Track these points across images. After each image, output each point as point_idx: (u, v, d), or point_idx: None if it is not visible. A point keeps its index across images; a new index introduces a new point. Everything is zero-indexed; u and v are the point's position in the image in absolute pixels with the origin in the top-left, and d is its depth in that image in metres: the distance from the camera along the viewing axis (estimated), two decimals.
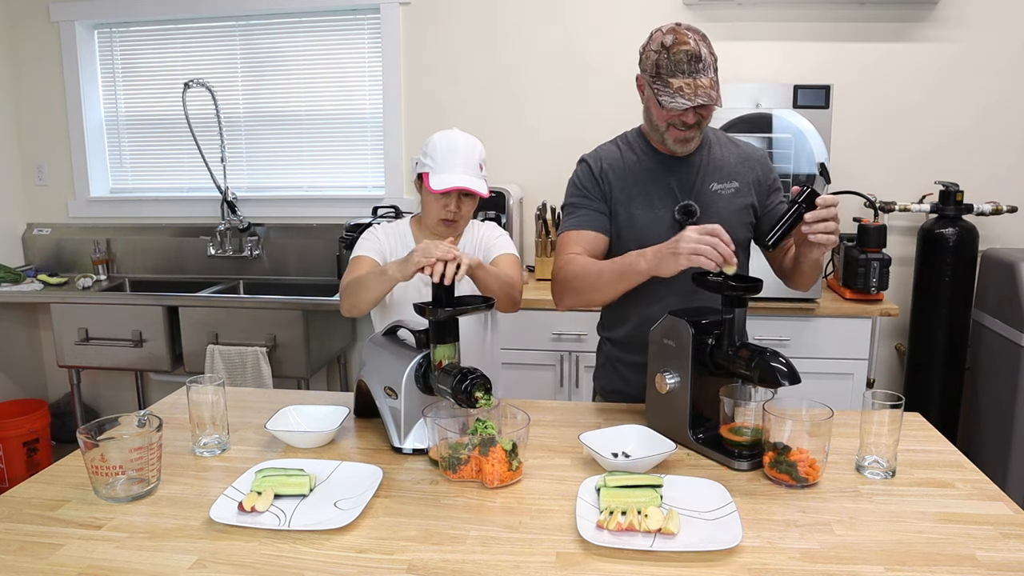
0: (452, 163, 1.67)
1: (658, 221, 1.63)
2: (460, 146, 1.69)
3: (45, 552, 1.06)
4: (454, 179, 1.66)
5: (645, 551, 1.04)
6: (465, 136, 1.73)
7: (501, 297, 1.68)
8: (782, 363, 1.26)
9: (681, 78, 1.45)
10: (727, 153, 1.67)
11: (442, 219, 1.73)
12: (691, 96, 1.45)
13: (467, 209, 1.74)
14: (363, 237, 1.81)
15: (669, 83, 1.46)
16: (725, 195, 1.64)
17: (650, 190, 1.63)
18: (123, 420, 1.29)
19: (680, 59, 1.45)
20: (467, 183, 1.66)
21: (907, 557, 1.03)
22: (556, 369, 2.70)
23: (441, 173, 1.67)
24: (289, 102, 3.39)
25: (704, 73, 1.45)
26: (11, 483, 2.99)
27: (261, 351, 2.78)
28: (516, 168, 3.16)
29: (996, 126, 2.87)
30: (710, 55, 1.47)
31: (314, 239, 3.34)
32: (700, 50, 1.45)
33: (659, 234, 1.60)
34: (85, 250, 3.49)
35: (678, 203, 1.62)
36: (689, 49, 1.45)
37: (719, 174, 1.64)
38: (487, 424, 1.30)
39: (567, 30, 3.07)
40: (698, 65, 1.45)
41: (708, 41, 1.49)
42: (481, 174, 1.72)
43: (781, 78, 2.87)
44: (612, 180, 1.65)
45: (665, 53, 1.47)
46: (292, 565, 1.03)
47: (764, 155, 1.72)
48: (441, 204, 1.70)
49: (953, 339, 2.70)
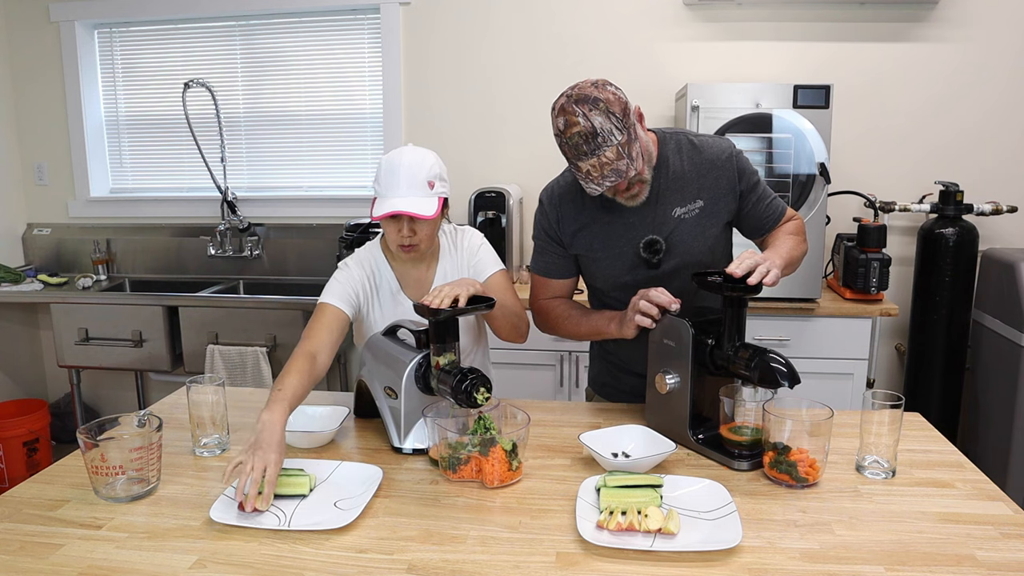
0: (395, 185, 1.51)
1: (620, 259, 1.57)
2: (403, 165, 1.51)
3: (45, 552, 1.07)
4: (393, 203, 1.49)
5: (645, 551, 1.04)
6: (412, 153, 1.55)
7: (509, 330, 1.63)
8: (782, 363, 1.26)
9: (585, 160, 1.36)
10: (687, 165, 1.54)
11: (399, 246, 1.56)
12: (599, 179, 1.37)
13: (424, 231, 1.55)
14: (335, 278, 1.63)
15: (579, 167, 1.39)
16: (689, 220, 1.54)
17: (608, 229, 1.57)
18: (123, 420, 1.29)
19: (577, 142, 1.35)
20: (405, 206, 1.48)
21: (907, 557, 1.03)
22: (556, 369, 2.70)
23: (384, 198, 1.52)
24: (289, 102, 3.39)
25: (606, 145, 1.34)
26: (11, 483, 2.99)
27: (261, 351, 2.78)
28: (516, 168, 3.15)
29: (996, 126, 2.87)
30: (607, 121, 1.34)
31: (314, 239, 3.34)
32: (592, 125, 1.33)
33: (622, 273, 1.59)
34: (85, 250, 3.49)
35: (640, 239, 1.55)
36: (580, 130, 1.34)
37: (680, 195, 1.54)
38: (488, 424, 1.30)
39: (567, 29, 3.07)
40: (595, 141, 1.34)
41: (603, 103, 1.34)
42: (432, 192, 1.53)
43: (781, 78, 2.87)
44: (567, 225, 1.60)
45: (562, 138, 1.38)
46: (292, 565, 1.03)
47: (731, 154, 1.55)
48: (394, 230, 1.54)
49: (953, 339, 2.69)
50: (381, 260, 1.67)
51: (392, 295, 1.66)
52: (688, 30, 2.97)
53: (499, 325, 1.62)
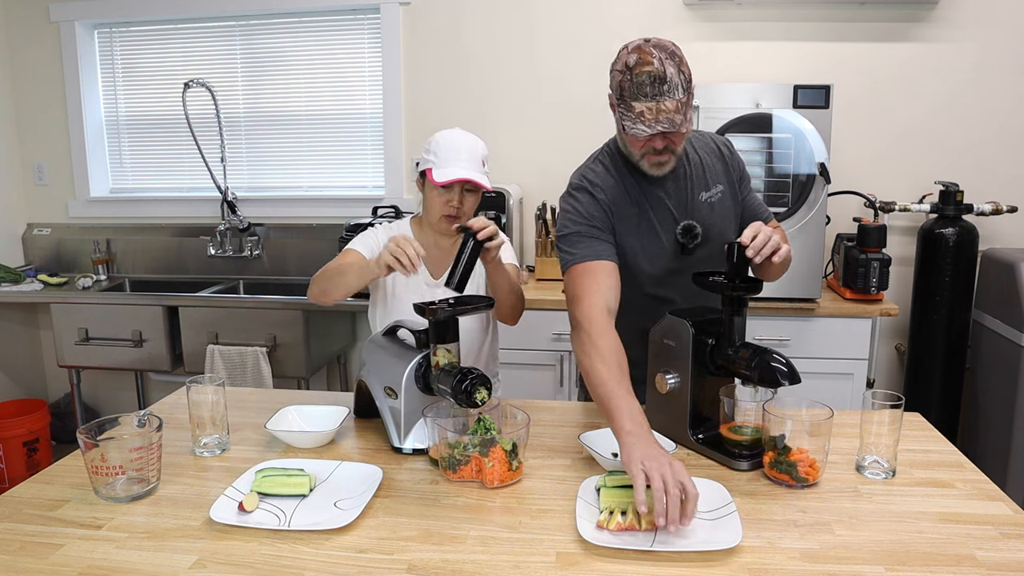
0: (456, 158, 1.68)
1: (661, 246, 1.56)
2: (463, 143, 1.71)
3: (45, 552, 1.06)
4: (458, 171, 1.67)
5: (645, 551, 1.04)
6: (468, 134, 1.74)
7: (507, 308, 1.71)
8: (782, 363, 1.26)
9: (643, 101, 1.35)
10: (702, 154, 1.60)
11: (444, 215, 1.73)
12: (651, 122, 1.35)
13: (469, 205, 1.75)
14: (363, 234, 1.82)
15: (632, 107, 1.37)
16: (715, 204, 1.58)
17: (651, 215, 1.55)
18: (123, 420, 1.29)
19: (643, 81, 1.34)
20: (471, 175, 1.67)
21: (907, 557, 1.03)
22: (556, 369, 2.70)
23: (444, 167, 1.68)
24: (289, 102, 3.39)
25: (669, 95, 1.34)
26: (11, 483, 2.99)
27: (261, 351, 2.78)
28: (516, 168, 3.15)
29: (996, 126, 2.86)
30: (678, 74, 1.34)
31: (314, 239, 3.34)
32: (665, 71, 1.33)
33: (663, 258, 1.56)
34: (85, 250, 3.49)
35: (678, 224, 1.56)
36: (652, 70, 1.33)
37: (703, 182, 1.58)
38: (488, 424, 1.30)
39: (568, 29, 3.07)
40: (662, 87, 1.33)
41: (678, 59, 1.36)
42: (484, 170, 1.73)
43: (781, 78, 2.87)
44: (614, 209, 1.55)
45: (628, 74, 1.36)
46: (292, 565, 1.03)
47: (728, 145, 1.64)
48: (444, 199, 1.71)
49: (953, 339, 2.69)
50: (407, 231, 1.85)
51: None
52: (688, 30, 2.97)
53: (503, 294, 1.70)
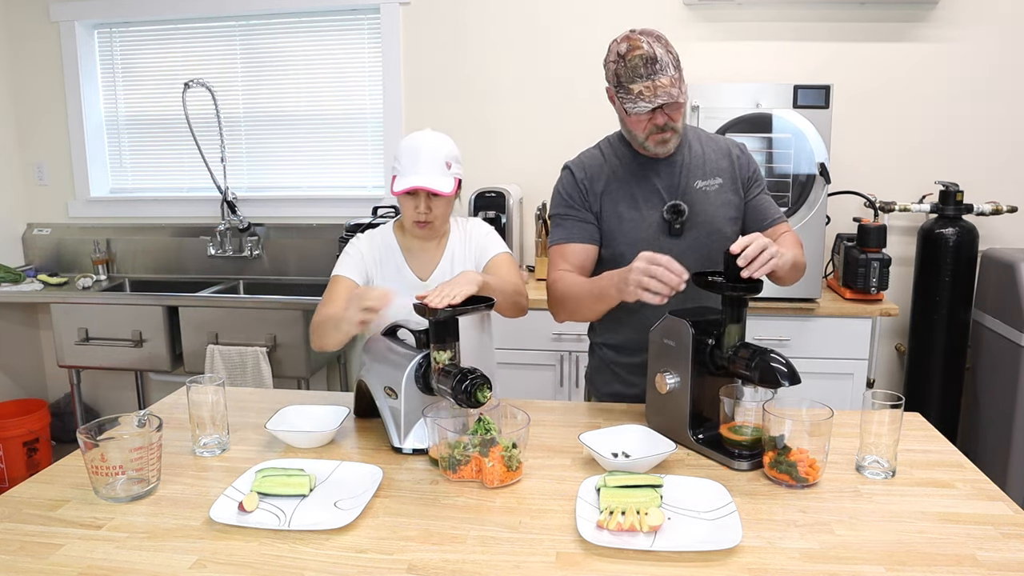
0: (415, 164, 1.63)
1: (645, 222, 1.63)
2: (424, 146, 1.64)
3: (45, 552, 1.06)
4: (414, 179, 1.61)
5: (645, 551, 1.04)
6: (432, 135, 1.68)
7: (509, 306, 1.67)
8: (782, 363, 1.26)
9: (640, 82, 1.48)
10: (707, 149, 1.68)
11: (415, 222, 1.68)
12: (651, 98, 1.47)
13: (439, 209, 1.68)
14: (345, 252, 1.76)
15: (630, 89, 1.49)
16: (710, 192, 1.65)
17: (635, 192, 1.64)
18: (123, 420, 1.29)
19: (636, 64, 1.47)
20: (424, 182, 1.60)
21: (907, 557, 1.03)
22: (556, 369, 2.70)
23: (405, 175, 1.63)
24: (289, 102, 3.39)
25: (663, 73, 1.47)
26: (11, 483, 2.99)
27: (261, 351, 2.78)
28: (516, 168, 3.15)
29: (996, 126, 2.86)
30: (667, 54, 1.48)
31: (314, 239, 3.34)
32: (655, 52, 1.47)
33: (648, 236, 1.62)
34: (85, 250, 3.49)
35: (665, 204, 1.63)
36: (643, 53, 1.47)
37: (701, 171, 1.65)
38: (488, 424, 1.30)
39: (568, 29, 3.07)
40: (654, 67, 1.46)
41: (664, 41, 1.50)
42: (448, 172, 1.65)
43: (781, 78, 2.87)
44: (595, 185, 1.65)
45: (622, 62, 1.49)
46: (292, 565, 1.03)
47: (741, 147, 1.72)
48: (411, 206, 1.66)
49: (953, 339, 2.69)
50: (390, 237, 1.78)
51: (397, 269, 1.75)
52: (688, 30, 2.97)
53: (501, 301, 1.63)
